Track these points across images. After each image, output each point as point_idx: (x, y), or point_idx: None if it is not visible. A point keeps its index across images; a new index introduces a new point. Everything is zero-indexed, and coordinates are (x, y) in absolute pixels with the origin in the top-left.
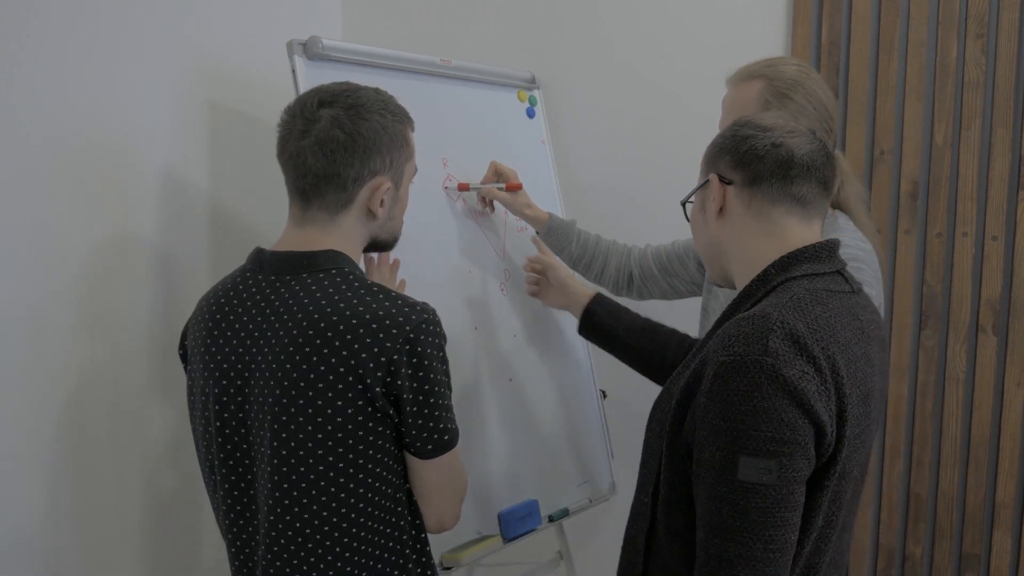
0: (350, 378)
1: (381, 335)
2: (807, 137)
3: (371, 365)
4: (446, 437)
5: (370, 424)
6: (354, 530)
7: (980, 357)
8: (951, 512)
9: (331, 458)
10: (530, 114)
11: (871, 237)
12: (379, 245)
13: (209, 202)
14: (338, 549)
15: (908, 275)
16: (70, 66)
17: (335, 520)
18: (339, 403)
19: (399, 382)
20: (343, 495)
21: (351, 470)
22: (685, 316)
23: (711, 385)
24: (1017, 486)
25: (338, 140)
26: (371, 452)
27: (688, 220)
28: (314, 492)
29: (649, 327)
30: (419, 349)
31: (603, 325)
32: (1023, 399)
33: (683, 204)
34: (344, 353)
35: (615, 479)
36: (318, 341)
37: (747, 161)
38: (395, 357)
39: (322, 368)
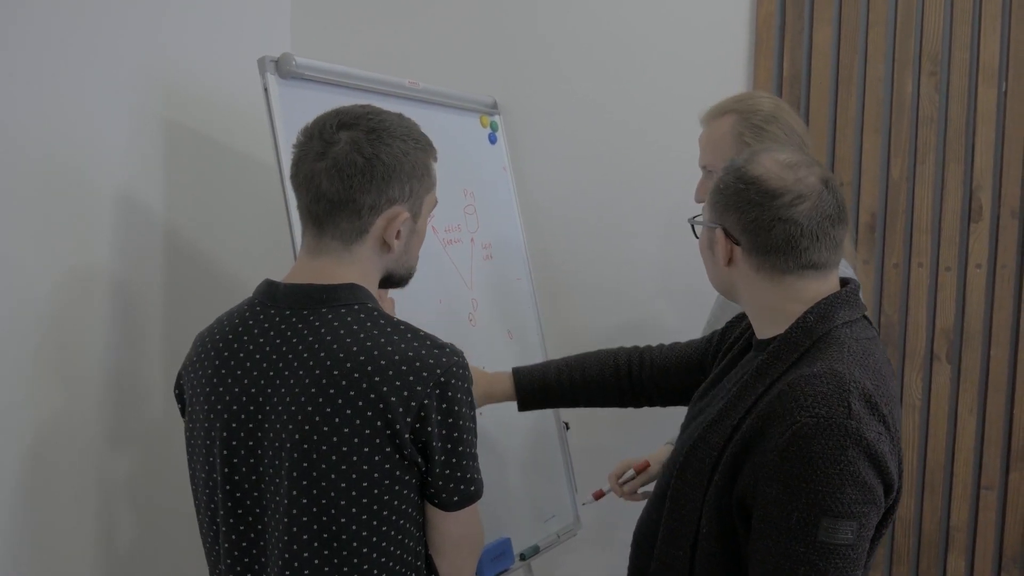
0: (379, 423)
1: (411, 378)
2: (816, 194)
3: (400, 409)
4: (472, 488)
5: (397, 472)
6: None
7: (935, 384)
8: (908, 536)
9: (354, 509)
10: (492, 140)
11: (852, 264)
12: (393, 280)
13: (164, 225)
14: None
15: (867, 304)
16: (20, 84)
17: None
18: (366, 449)
19: (429, 428)
20: (365, 550)
21: (375, 522)
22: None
23: (789, 445)
24: (969, 510)
25: (356, 164)
26: (396, 502)
27: (696, 236)
28: (335, 545)
29: (576, 365)
30: (449, 394)
31: (535, 393)
32: (975, 425)
33: (691, 223)
34: (372, 396)
35: (579, 513)
36: (344, 382)
37: (753, 231)
38: (425, 402)
39: (348, 411)
